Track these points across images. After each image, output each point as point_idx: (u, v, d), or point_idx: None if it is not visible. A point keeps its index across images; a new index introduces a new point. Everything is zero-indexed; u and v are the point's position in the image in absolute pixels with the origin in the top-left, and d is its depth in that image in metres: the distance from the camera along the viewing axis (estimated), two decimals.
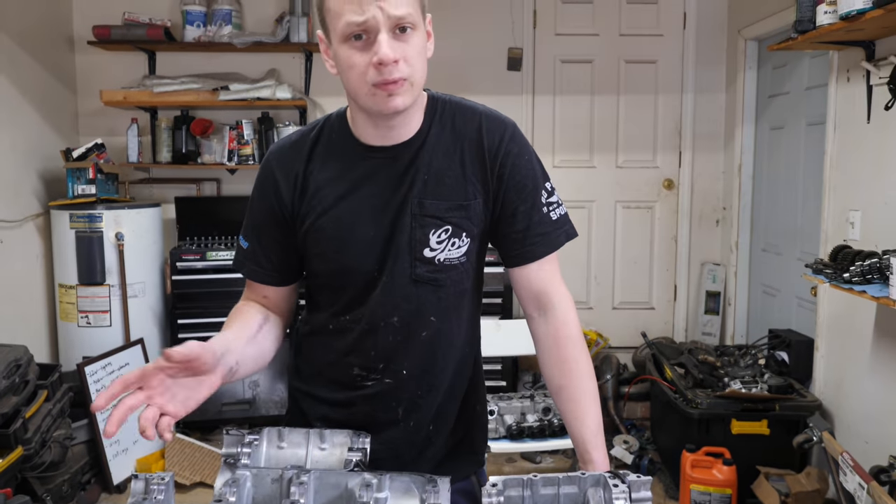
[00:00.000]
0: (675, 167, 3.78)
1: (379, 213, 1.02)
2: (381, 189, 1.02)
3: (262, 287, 1.10)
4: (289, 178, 1.04)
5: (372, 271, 1.04)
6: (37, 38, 3.20)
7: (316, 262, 1.07)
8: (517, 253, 1.06)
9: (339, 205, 1.03)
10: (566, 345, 1.04)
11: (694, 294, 3.83)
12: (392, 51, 0.91)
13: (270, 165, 1.07)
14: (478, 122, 1.05)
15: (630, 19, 3.69)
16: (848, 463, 1.98)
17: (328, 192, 1.03)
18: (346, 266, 1.04)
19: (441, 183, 1.02)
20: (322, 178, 1.04)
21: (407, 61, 0.94)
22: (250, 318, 1.05)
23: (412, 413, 1.09)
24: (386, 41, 0.91)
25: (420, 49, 0.96)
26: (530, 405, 2.46)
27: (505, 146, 1.05)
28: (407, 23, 0.92)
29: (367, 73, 0.93)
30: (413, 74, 0.95)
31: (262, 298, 1.10)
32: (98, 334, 3.05)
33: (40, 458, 2.31)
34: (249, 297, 1.11)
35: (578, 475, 0.83)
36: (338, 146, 1.05)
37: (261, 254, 1.08)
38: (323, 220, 1.03)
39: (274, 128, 3.48)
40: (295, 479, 0.82)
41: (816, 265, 2.24)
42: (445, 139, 1.04)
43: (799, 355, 2.76)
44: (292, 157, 1.05)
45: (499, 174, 1.04)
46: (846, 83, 2.50)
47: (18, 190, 3.05)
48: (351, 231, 1.03)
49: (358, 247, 1.03)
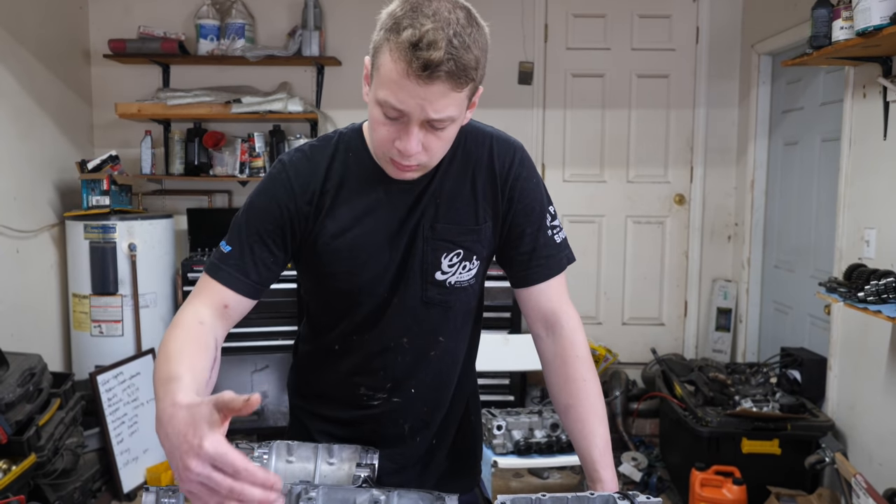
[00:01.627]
0: (687, 182, 3.77)
1: (393, 237, 1.02)
2: (397, 213, 1.02)
3: (231, 296, 0.98)
4: (306, 191, 1.01)
5: (383, 294, 1.03)
6: (54, 51, 3.25)
7: (327, 283, 1.05)
8: (524, 274, 1.07)
9: (354, 227, 1.01)
10: (574, 364, 1.04)
11: (705, 311, 3.80)
12: (417, 144, 0.89)
13: (287, 173, 1.01)
14: (488, 145, 1.05)
15: (642, 33, 3.70)
16: (861, 485, 1.95)
17: (344, 213, 1.01)
18: (358, 289, 1.03)
19: (453, 207, 1.03)
20: (339, 199, 1.02)
21: (428, 151, 0.92)
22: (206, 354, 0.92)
23: (418, 430, 1.09)
24: (415, 136, 0.89)
25: (449, 139, 0.93)
26: (538, 420, 2.44)
27: (515, 169, 1.05)
28: (444, 123, 0.89)
29: (387, 145, 0.92)
30: (430, 160, 0.94)
31: (221, 308, 0.98)
32: (110, 343, 3.08)
33: (53, 466, 2.33)
34: (205, 302, 0.97)
35: (588, 495, 0.82)
36: (357, 167, 1.02)
37: (249, 261, 0.99)
38: (338, 242, 1.01)
39: (285, 140, 3.51)
40: (304, 495, 0.82)
41: (830, 283, 2.22)
42: (457, 163, 1.04)
43: (811, 374, 2.73)
44: (310, 171, 1.02)
45: (509, 196, 1.04)
46: (862, 99, 2.48)
47: (34, 200, 3.09)
48: (366, 255, 1.02)
49: (372, 271, 1.02)
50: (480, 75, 0.89)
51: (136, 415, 2.94)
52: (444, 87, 0.85)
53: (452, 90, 0.85)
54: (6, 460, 2.10)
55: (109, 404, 2.83)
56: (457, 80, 0.85)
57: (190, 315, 0.95)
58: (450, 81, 0.84)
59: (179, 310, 0.98)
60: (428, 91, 0.84)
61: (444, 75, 0.83)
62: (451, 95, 0.86)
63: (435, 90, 0.85)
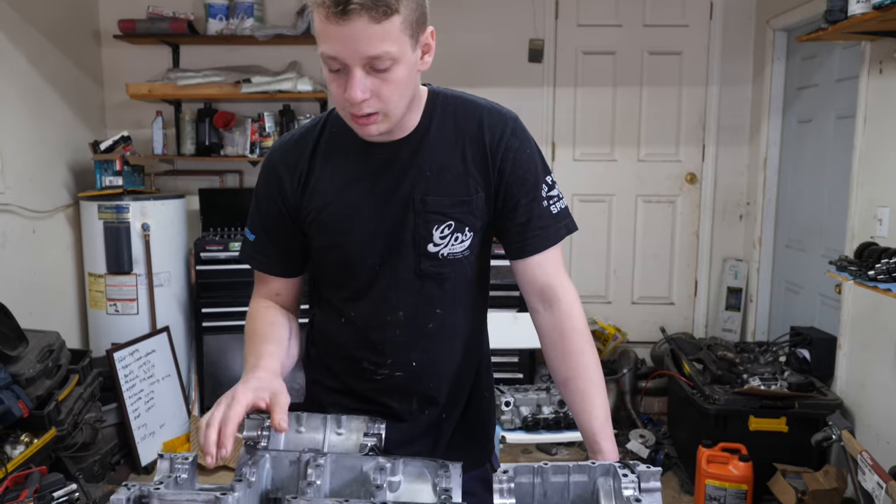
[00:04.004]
0: (699, 161, 3.74)
1: (381, 208, 1.03)
2: (382, 185, 1.03)
3: (272, 281, 1.11)
4: (293, 174, 1.05)
5: (374, 266, 1.05)
6: (64, 32, 3.27)
7: (318, 256, 1.09)
8: (519, 245, 1.06)
9: (338, 199, 1.04)
10: (572, 337, 1.04)
11: (715, 290, 3.79)
12: (362, 90, 0.90)
13: (274, 161, 1.07)
14: (479, 117, 1.05)
15: (654, 10, 3.65)
16: (867, 462, 1.96)
17: (328, 186, 1.04)
18: (346, 259, 1.05)
19: (443, 178, 1.03)
20: (323, 174, 1.05)
21: (380, 97, 0.92)
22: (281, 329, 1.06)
23: (426, 403, 1.11)
24: (358, 80, 0.89)
25: (400, 82, 0.92)
26: (546, 397, 2.47)
27: (506, 141, 1.04)
28: (383, 62, 0.89)
29: (340, 100, 0.93)
30: (387, 107, 0.94)
31: (274, 296, 1.11)
32: (126, 322, 3.13)
33: (72, 439, 2.40)
34: (261, 295, 1.12)
35: (588, 464, 0.84)
36: (339, 141, 1.05)
37: (269, 246, 1.09)
38: (324, 215, 1.04)
39: (295, 120, 3.52)
40: (312, 462, 0.84)
41: (841, 262, 2.21)
42: (446, 134, 1.04)
43: (821, 353, 2.72)
44: (297, 153, 1.06)
45: (500, 168, 1.04)
46: (878, 75, 2.44)
47: (49, 181, 3.13)
48: (350, 225, 1.04)
49: (358, 241, 1.04)
50: (410, 6, 0.89)
51: (152, 391, 3.01)
52: (364, 22, 0.85)
53: (374, 22, 0.86)
54: (28, 434, 2.16)
55: (126, 381, 2.89)
56: (374, 11, 0.85)
57: (257, 304, 1.11)
58: (367, 14, 0.85)
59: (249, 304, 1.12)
60: (351, 28, 0.86)
61: (357, 8, 0.85)
62: (375, 29, 0.86)
63: (357, 25, 0.86)
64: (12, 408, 2.05)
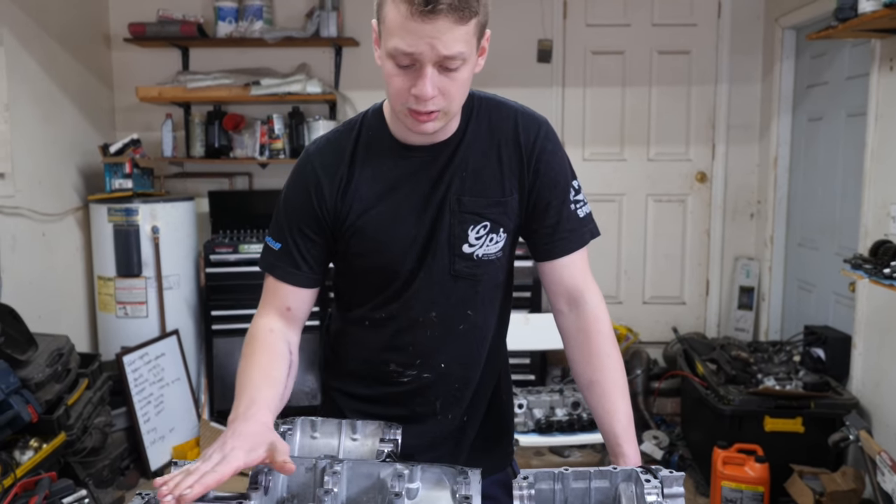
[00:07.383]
0: (709, 160, 3.71)
1: (418, 211, 1.03)
2: (421, 187, 1.03)
3: (288, 294, 1.05)
4: (333, 179, 1.03)
5: (411, 268, 1.04)
6: (75, 35, 3.28)
7: (356, 261, 1.07)
8: (547, 247, 1.07)
9: (378, 204, 1.03)
10: (597, 339, 1.04)
11: (727, 289, 3.76)
12: (433, 88, 0.90)
13: (313, 165, 1.05)
14: (513, 119, 1.06)
15: (663, 9, 3.63)
16: (886, 463, 1.93)
17: (368, 191, 1.03)
18: (386, 264, 1.04)
19: (479, 180, 1.03)
20: (362, 178, 1.04)
21: (446, 95, 0.93)
22: (280, 367, 1.00)
23: (449, 406, 1.10)
24: (430, 78, 0.90)
25: (464, 81, 0.94)
26: (559, 399, 2.45)
27: (540, 143, 1.06)
28: (455, 62, 0.90)
29: (404, 96, 0.93)
30: (449, 105, 0.94)
31: (285, 311, 1.05)
32: (135, 325, 3.13)
33: (82, 444, 2.39)
34: (270, 311, 1.05)
35: (610, 469, 0.83)
36: (376, 145, 1.05)
37: (297, 254, 1.04)
38: (363, 220, 1.03)
39: (304, 122, 3.51)
40: (329, 469, 0.83)
41: (855, 260, 2.19)
42: (482, 136, 1.04)
43: (835, 352, 2.69)
44: (336, 158, 1.05)
45: (535, 169, 1.05)
46: (889, 72, 2.41)
47: (59, 184, 3.14)
48: (391, 230, 1.03)
49: (398, 245, 1.03)
50: (484, 10, 0.91)
51: (161, 395, 3.01)
52: (448, 22, 0.86)
53: (457, 23, 0.87)
54: (37, 438, 2.15)
55: (136, 384, 2.89)
56: (460, 13, 0.86)
57: (261, 325, 1.05)
58: (452, 14, 0.86)
59: (253, 319, 1.07)
60: (434, 27, 0.86)
61: (445, 8, 0.85)
62: (457, 30, 0.87)
63: (440, 25, 0.86)
64: (21, 413, 2.04)
